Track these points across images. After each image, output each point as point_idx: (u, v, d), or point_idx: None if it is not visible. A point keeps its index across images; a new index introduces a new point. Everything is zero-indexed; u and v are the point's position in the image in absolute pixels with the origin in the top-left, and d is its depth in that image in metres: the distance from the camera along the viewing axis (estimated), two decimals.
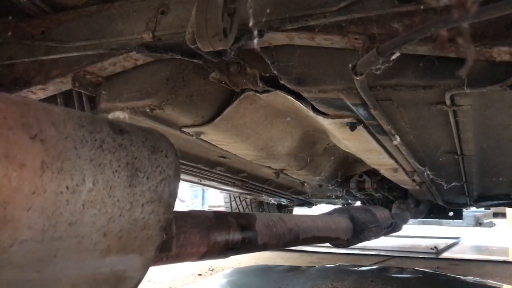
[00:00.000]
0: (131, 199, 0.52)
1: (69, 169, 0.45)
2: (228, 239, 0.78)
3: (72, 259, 0.47)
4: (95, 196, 0.48)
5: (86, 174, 0.47)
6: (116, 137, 0.51)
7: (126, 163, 0.52)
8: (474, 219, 8.30)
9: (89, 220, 0.47)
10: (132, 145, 0.53)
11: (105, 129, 0.50)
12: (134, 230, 0.54)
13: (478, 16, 0.69)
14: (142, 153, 0.54)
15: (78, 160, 0.46)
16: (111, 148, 0.50)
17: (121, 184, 0.51)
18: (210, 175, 2.48)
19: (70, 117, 0.47)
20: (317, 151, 2.11)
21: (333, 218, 1.41)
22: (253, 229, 0.87)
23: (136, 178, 0.53)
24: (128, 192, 0.52)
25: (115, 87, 1.29)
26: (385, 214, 1.84)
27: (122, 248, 0.53)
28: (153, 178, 0.56)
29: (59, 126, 0.45)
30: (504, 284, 2.67)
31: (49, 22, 1.31)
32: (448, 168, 2.07)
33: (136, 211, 0.53)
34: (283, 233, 0.99)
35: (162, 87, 1.25)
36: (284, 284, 2.48)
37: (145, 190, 0.55)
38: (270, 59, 1.11)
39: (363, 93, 1.04)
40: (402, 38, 0.83)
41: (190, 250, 0.69)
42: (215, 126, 1.49)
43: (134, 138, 0.54)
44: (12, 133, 0.40)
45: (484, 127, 1.41)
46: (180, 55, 1.14)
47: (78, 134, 0.47)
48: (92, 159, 0.47)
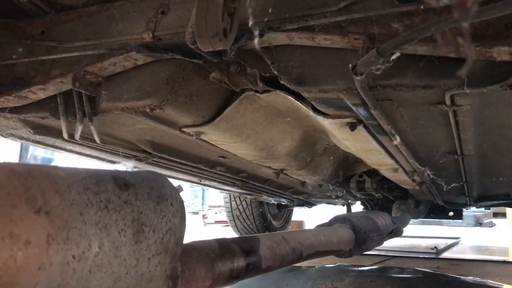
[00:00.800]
0: (138, 255, 0.52)
1: (75, 237, 0.44)
2: (232, 268, 0.77)
3: None
4: (102, 259, 0.47)
5: (92, 239, 0.46)
6: (121, 194, 0.50)
7: (131, 220, 0.51)
8: (474, 219, 8.29)
9: (96, 283, 0.47)
10: (138, 199, 0.52)
11: (110, 186, 0.50)
12: (141, 284, 0.53)
13: (478, 16, 0.69)
14: (148, 206, 0.54)
15: (84, 226, 0.45)
16: (116, 207, 0.49)
17: (127, 242, 0.50)
18: (210, 175, 2.48)
19: (75, 180, 0.46)
20: (317, 151, 2.11)
21: (335, 231, 1.40)
22: (257, 254, 0.86)
23: (142, 233, 0.52)
24: (134, 249, 0.51)
25: (115, 87, 1.29)
26: (387, 221, 1.84)
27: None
28: (159, 230, 0.55)
29: (63, 193, 0.44)
30: (504, 284, 2.67)
31: (49, 22, 1.31)
32: (448, 168, 2.07)
33: (142, 266, 0.53)
34: (287, 254, 0.98)
35: (162, 87, 1.25)
36: (284, 284, 2.48)
37: (151, 243, 0.54)
38: (270, 59, 1.11)
39: (363, 93, 1.04)
40: (402, 38, 0.83)
41: (195, 285, 0.68)
42: (215, 126, 1.49)
43: (139, 191, 0.53)
44: (16, 210, 0.39)
45: (484, 127, 1.41)
46: (180, 55, 1.14)
47: (83, 198, 0.46)
48: (98, 222, 0.47)
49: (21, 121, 1.53)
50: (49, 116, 1.43)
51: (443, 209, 3.80)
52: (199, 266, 0.69)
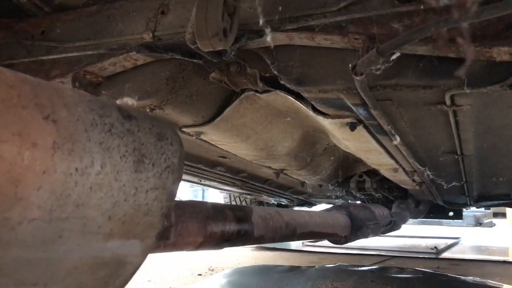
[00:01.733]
0: (137, 185, 0.53)
1: (79, 151, 0.45)
2: (224, 230, 0.79)
3: (76, 241, 0.48)
4: (103, 179, 0.48)
5: (95, 157, 0.47)
6: (125, 122, 0.51)
7: (133, 148, 0.52)
8: (474, 219, 8.30)
9: (95, 203, 0.48)
10: (139, 131, 0.53)
11: (114, 113, 0.50)
12: (137, 215, 0.54)
13: (478, 16, 0.69)
14: (149, 140, 0.55)
15: (88, 143, 0.46)
16: (119, 133, 0.50)
17: (128, 169, 0.51)
18: (210, 175, 2.48)
19: (81, 100, 0.47)
20: (317, 151, 2.11)
21: (331, 215, 1.40)
22: (249, 221, 0.87)
23: (142, 164, 0.53)
24: (134, 178, 0.52)
25: (115, 87, 1.29)
26: (384, 212, 1.84)
27: (125, 233, 0.53)
28: (158, 165, 0.56)
29: (71, 108, 0.45)
30: (504, 284, 2.67)
31: (49, 22, 1.31)
32: (448, 168, 2.07)
33: (140, 196, 0.54)
34: (280, 227, 0.99)
35: (162, 87, 1.25)
36: (284, 284, 2.48)
37: (150, 176, 0.55)
38: (270, 59, 1.11)
39: (363, 93, 1.04)
40: (402, 38, 0.83)
41: (187, 239, 0.69)
42: (215, 126, 1.49)
43: (142, 124, 0.54)
44: (26, 112, 0.40)
45: (484, 127, 1.41)
46: (180, 55, 1.14)
47: (89, 117, 0.47)
48: (101, 143, 0.48)
49: None
50: None
51: (443, 209, 3.80)
52: (192, 221, 0.71)
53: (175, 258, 3.50)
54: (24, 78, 0.42)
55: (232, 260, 3.67)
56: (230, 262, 3.52)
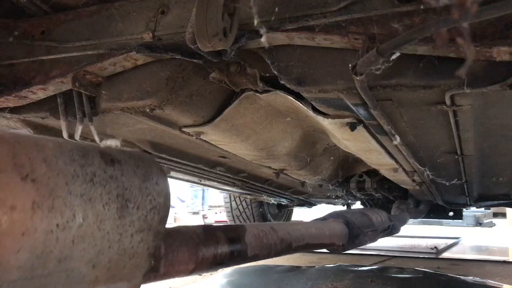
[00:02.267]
0: (121, 230, 0.52)
1: (59, 206, 0.45)
2: (216, 254, 0.78)
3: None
4: (85, 230, 0.48)
5: (77, 209, 0.47)
6: (107, 169, 0.51)
7: (116, 194, 0.52)
8: (474, 219, 8.30)
9: (78, 254, 0.47)
10: (123, 175, 0.53)
11: (96, 161, 0.50)
12: (123, 260, 0.54)
13: (478, 16, 0.69)
14: (133, 183, 0.54)
15: (69, 197, 0.46)
16: (102, 181, 0.50)
17: (111, 216, 0.51)
18: (210, 175, 2.48)
19: (61, 152, 0.47)
20: (317, 151, 2.11)
21: (327, 224, 1.40)
22: (242, 241, 0.87)
23: (126, 209, 0.53)
24: (117, 224, 0.52)
25: (115, 87, 1.29)
26: (382, 218, 1.83)
27: (111, 277, 0.53)
28: (143, 207, 0.56)
29: (50, 163, 0.45)
30: (504, 284, 2.67)
31: (49, 22, 1.31)
32: (448, 168, 2.07)
33: (125, 241, 0.53)
34: (275, 243, 0.99)
35: (162, 87, 1.25)
36: (284, 284, 2.48)
37: (135, 220, 0.55)
38: (270, 59, 1.11)
39: (363, 93, 1.04)
40: (402, 38, 0.83)
41: (178, 268, 0.69)
42: (215, 126, 1.49)
43: (125, 168, 0.54)
44: (4, 175, 0.40)
45: (484, 127, 1.41)
46: (180, 55, 1.14)
47: (69, 169, 0.47)
48: (83, 194, 0.47)
49: (21, 121, 1.54)
50: (49, 116, 1.43)
51: (443, 209, 3.80)
52: (183, 249, 0.70)
53: None
54: (2, 137, 0.42)
55: None
56: None
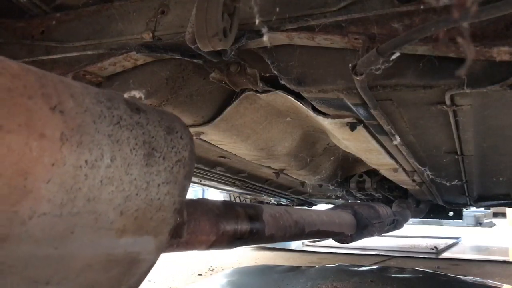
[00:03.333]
0: (148, 179, 0.51)
1: (87, 143, 0.43)
2: (236, 229, 0.77)
3: (88, 237, 0.46)
4: (113, 172, 0.46)
5: (105, 149, 0.45)
6: (133, 115, 0.50)
7: (143, 141, 0.51)
8: (474, 219, 8.31)
9: (106, 197, 0.46)
10: (149, 124, 0.52)
11: (122, 106, 0.49)
12: (150, 210, 0.53)
13: (478, 16, 0.69)
14: (158, 133, 0.53)
15: (97, 135, 0.44)
16: (128, 125, 0.49)
17: (138, 162, 0.50)
18: (210, 175, 2.48)
19: (88, 91, 0.46)
20: (317, 151, 2.11)
21: (337, 213, 1.40)
22: (260, 220, 0.86)
23: (153, 158, 0.52)
24: (145, 171, 0.51)
25: (115, 87, 1.29)
26: (388, 211, 1.84)
27: (138, 228, 0.52)
28: (169, 158, 0.55)
29: (78, 99, 0.43)
30: (504, 284, 2.67)
31: (49, 22, 1.31)
32: (448, 168, 2.07)
33: (152, 191, 0.52)
34: (289, 225, 0.98)
35: (162, 87, 1.25)
36: (284, 284, 2.48)
37: (161, 170, 0.53)
38: (270, 59, 1.11)
39: (363, 93, 1.04)
40: (402, 38, 0.83)
41: (200, 237, 0.68)
42: (215, 126, 1.49)
43: (150, 117, 0.53)
44: (33, 102, 0.39)
45: (484, 127, 1.41)
46: (180, 55, 1.14)
47: (97, 108, 0.45)
48: (110, 135, 0.46)
49: None
50: None
51: (443, 209, 3.80)
52: (204, 220, 0.69)
53: (175, 258, 3.50)
54: (29, 69, 0.40)
55: (232, 260, 3.66)
56: (230, 262, 3.52)
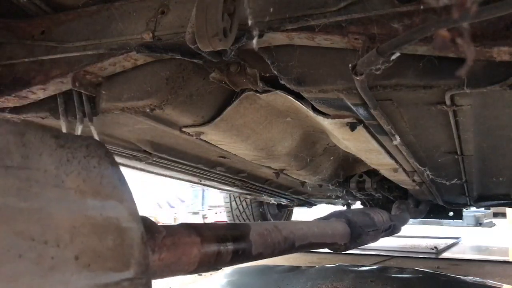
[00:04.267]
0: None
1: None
2: (220, 250, 0.77)
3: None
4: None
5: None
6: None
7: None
8: (474, 219, 8.31)
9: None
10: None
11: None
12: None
13: (478, 16, 0.69)
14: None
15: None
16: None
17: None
18: (210, 175, 2.48)
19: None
20: (317, 151, 2.11)
21: (329, 224, 1.40)
22: (246, 239, 0.86)
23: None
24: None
25: (115, 87, 1.29)
26: (384, 217, 1.84)
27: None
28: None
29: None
30: (504, 284, 2.67)
31: (49, 22, 1.31)
32: (448, 168, 2.07)
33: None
34: (278, 242, 0.98)
35: (162, 87, 1.25)
36: (284, 284, 2.48)
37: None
38: (270, 59, 1.11)
39: (363, 93, 1.04)
40: (402, 38, 0.83)
41: (182, 261, 0.69)
42: (215, 126, 1.49)
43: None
44: None
45: (484, 127, 1.41)
46: (180, 55, 1.14)
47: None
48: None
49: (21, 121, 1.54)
50: (49, 116, 1.43)
51: (443, 209, 3.80)
52: (186, 247, 0.70)
53: None
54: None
55: None
56: None
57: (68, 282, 0.46)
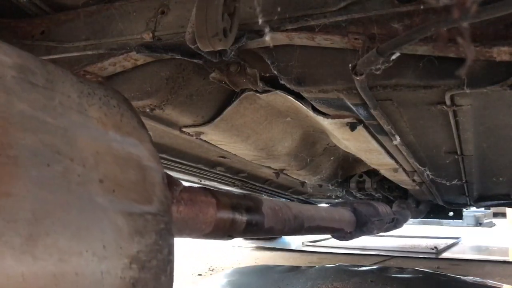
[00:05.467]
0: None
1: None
2: (234, 219, 0.76)
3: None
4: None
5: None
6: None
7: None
8: (474, 219, 8.30)
9: None
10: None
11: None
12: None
13: (478, 16, 0.69)
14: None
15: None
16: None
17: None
18: (210, 175, 2.48)
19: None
20: (317, 151, 2.11)
21: (336, 210, 1.40)
22: (260, 212, 0.85)
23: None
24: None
25: (115, 87, 1.29)
26: (387, 210, 1.84)
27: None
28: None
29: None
30: (504, 284, 2.68)
31: (49, 22, 1.31)
32: (448, 168, 2.07)
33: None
34: (289, 219, 0.97)
35: (162, 87, 1.25)
36: (284, 284, 2.48)
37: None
38: (270, 59, 1.11)
39: (363, 93, 1.04)
40: (402, 38, 0.83)
41: (196, 222, 0.67)
42: (215, 126, 1.49)
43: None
44: None
45: (484, 127, 1.41)
46: (180, 55, 1.14)
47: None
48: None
49: None
50: None
51: (443, 209, 3.80)
52: (201, 205, 0.69)
53: (175, 258, 3.50)
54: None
55: (232, 260, 3.66)
56: (230, 262, 3.52)
57: (94, 201, 0.46)
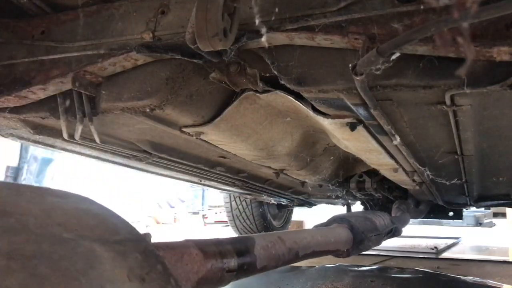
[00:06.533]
0: None
1: None
2: (223, 267, 0.77)
3: None
4: None
5: None
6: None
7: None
8: (474, 219, 8.29)
9: None
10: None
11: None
12: None
13: (478, 16, 0.69)
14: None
15: None
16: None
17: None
18: (210, 175, 2.48)
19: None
20: (317, 151, 2.11)
21: (332, 231, 1.41)
22: (251, 253, 0.87)
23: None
24: None
25: (115, 87, 1.29)
26: (385, 221, 1.84)
27: None
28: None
29: None
30: (504, 284, 2.67)
31: (49, 22, 1.31)
32: (448, 168, 2.07)
33: None
34: (283, 254, 0.99)
35: (162, 87, 1.25)
36: (284, 284, 2.48)
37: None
38: (270, 59, 1.11)
39: (363, 93, 1.04)
40: (402, 38, 0.83)
41: (185, 276, 0.68)
42: (215, 126, 1.49)
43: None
44: None
45: (484, 127, 1.41)
46: (180, 55, 1.14)
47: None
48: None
49: (21, 121, 1.53)
50: (49, 116, 1.43)
51: (443, 209, 3.79)
52: (191, 261, 0.69)
53: None
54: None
55: None
56: None
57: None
